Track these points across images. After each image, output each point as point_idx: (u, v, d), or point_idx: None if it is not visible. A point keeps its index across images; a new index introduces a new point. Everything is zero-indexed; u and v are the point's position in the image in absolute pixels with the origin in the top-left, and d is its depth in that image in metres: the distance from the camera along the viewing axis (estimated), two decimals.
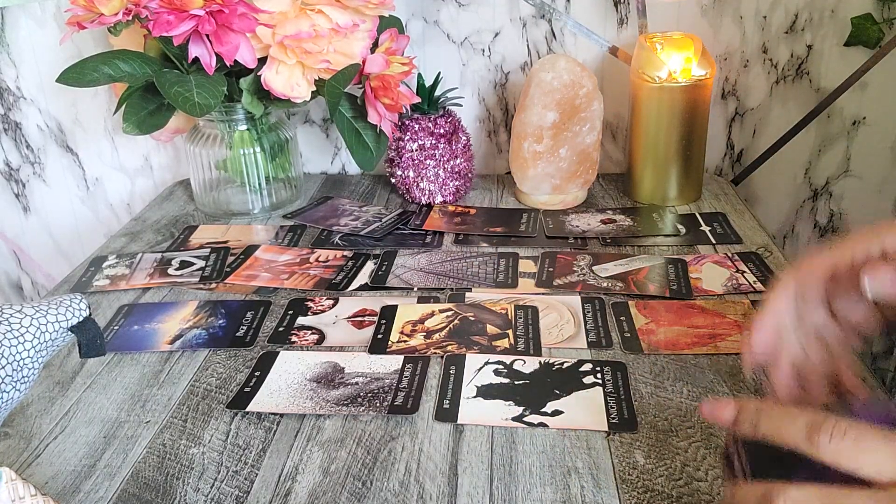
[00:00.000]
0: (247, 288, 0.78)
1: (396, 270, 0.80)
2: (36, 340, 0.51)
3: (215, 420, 0.59)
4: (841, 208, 1.07)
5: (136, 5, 0.77)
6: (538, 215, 0.92)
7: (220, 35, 0.78)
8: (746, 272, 0.77)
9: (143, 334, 0.71)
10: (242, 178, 0.96)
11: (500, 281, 0.77)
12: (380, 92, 0.86)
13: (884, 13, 0.96)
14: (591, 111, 0.90)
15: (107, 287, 0.80)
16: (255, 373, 0.64)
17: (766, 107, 1.04)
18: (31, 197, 1.15)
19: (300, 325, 0.71)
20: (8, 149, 1.12)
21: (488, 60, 1.04)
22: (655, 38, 0.91)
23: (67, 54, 1.04)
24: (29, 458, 0.56)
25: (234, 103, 0.90)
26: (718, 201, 0.95)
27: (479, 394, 0.60)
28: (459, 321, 0.70)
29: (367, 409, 0.59)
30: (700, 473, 0.51)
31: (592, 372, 0.62)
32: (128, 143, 1.12)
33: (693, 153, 0.92)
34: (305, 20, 0.82)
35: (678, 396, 0.59)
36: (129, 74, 0.83)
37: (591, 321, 0.69)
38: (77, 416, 0.60)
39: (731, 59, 1.02)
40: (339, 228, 0.91)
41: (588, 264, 0.79)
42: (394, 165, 0.96)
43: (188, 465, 0.54)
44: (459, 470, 0.52)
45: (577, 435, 0.55)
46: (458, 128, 0.95)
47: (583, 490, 0.50)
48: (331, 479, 0.52)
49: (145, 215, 1.00)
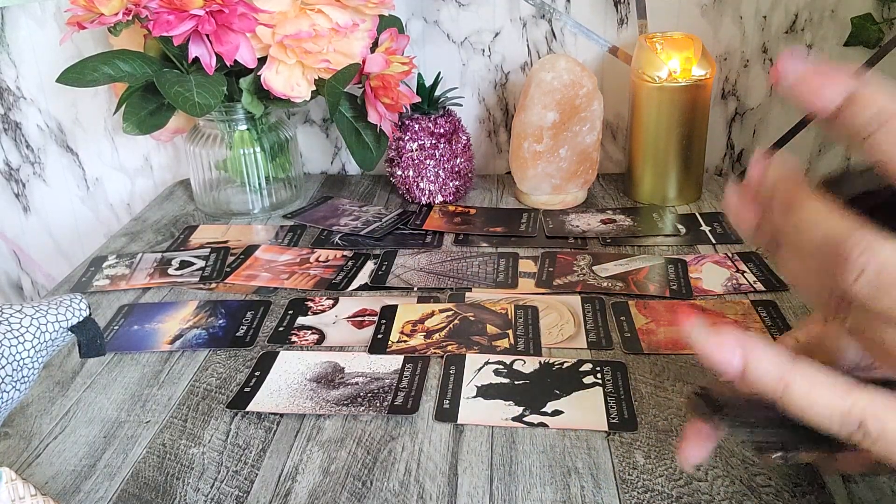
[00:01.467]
0: (247, 288, 0.78)
1: (396, 270, 0.80)
2: (36, 340, 0.51)
3: (215, 420, 0.59)
4: None
5: (136, 5, 0.77)
6: (538, 215, 0.92)
7: (220, 35, 0.78)
8: (746, 272, 0.77)
9: (143, 334, 0.71)
10: (242, 178, 0.96)
11: (500, 281, 0.77)
12: (380, 92, 0.86)
13: (884, 13, 0.96)
14: (591, 111, 0.90)
15: (107, 287, 0.80)
16: (255, 373, 0.64)
17: (766, 107, 1.04)
18: (31, 197, 1.15)
19: (300, 325, 0.71)
20: (8, 149, 1.12)
21: (488, 60, 1.04)
22: (655, 38, 0.91)
23: (67, 54, 1.04)
24: (29, 458, 0.56)
25: (234, 103, 0.90)
26: (718, 201, 0.95)
27: (479, 394, 0.60)
28: (459, 321, 0.70)
29: (367, 409, 0.59)
30: (700, 473, 0.51)
31: (592, 372, 0.62)
32: (128, 143, 1.12)
33: (693, 153, 0.92)
34: (305, 20, 0.82)
35: (678, 396, 0.59)
36: (129, 74, 0.83)
37: (591, 321, 0.69)
38: (77, 416, 0.60)
39: (731, 59, 1.02)
40: (339, 228, 0.91)
41: (588, 264, 0.79)
42: (394, 165, 0.96)
43: (188, 465, 0.54)
44: (459, 470, 0.52)
45: (577, 435, 0.55)
46: (458, 128, 0.95)
47: (583, 490, 0.50)
48: (331, 479, 0.52)
49: (145, 215, 1.00)
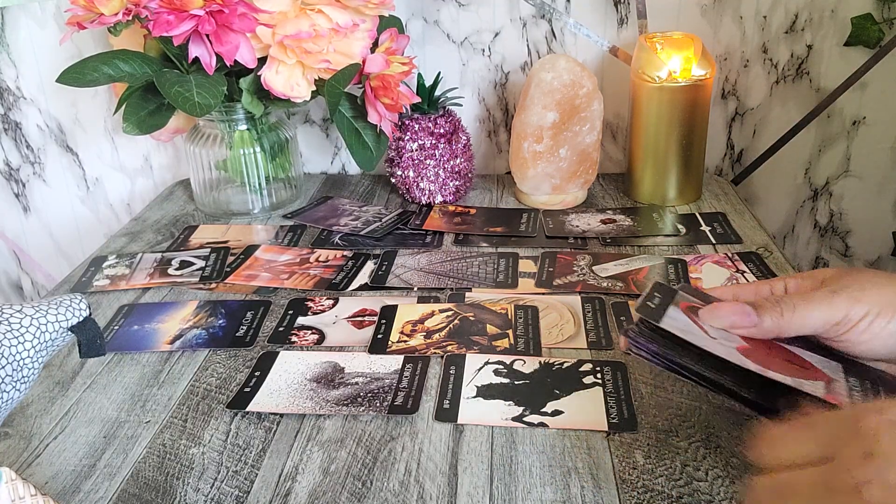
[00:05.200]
0: (247, 288, 0.78)
1: (396, 270, 0.80)
2: (36, 340, 0.51)
3: (215, 420, 0.59)
4: (841, 208, 1.07)
5: (136, 5, 0.77)
6: (538, 215, 0.92)
7: (220, 35, 0.78)
8: (746, 272, 0.77)
9: (143, 334, 0.71)
10: (242, 178, 0.96)
11: (500, 281, 0.77)
12: (380, 92, 0.86)
13: (884, 13, 0.96)
14: (591, 111, 0.90)
15: (107, 287, 0.80)
16: (255, 373, 0.64)
17: (766, 107, 1.04)
18: (31, 197, 1.15)
19: (300, 325, 0.71)
20: (8, 149, 1.12)
21: (488, 60, 1.04)
22: (655, 38, 0.91)
23: (67, 54, 1.04)
24: (29, 458, 0.56)
25: (234, 103, 0.90)
26: (718, 201, 0.95)
27: (479, 394, 0.60)
28: (459, 321, 0.70)
29: (367, 409, 0.59)
30: (700, 473, 0.51)
31: (592, 372, 0.62)
32: (128, 143, 1.12)
33: (693, 153, 0.92)
34: (305, 20, 0.82)
35: (678, 396, 0.59)
36: (129, 74, 0.83)
37: (591, 321, 0.69)
38: (77, 416, 0.60)
39: (731, 59, 1.02)
40: (339, 228, 0.91)
41: (588, 264, 0.79)
42: (394, 165, 0.96)
43: (188, 465, 0.54)
44: (459, 470, 0.52)
45: (577, 435, 0.55)
46: (458, 128, 0.95)
47: (583, 490, 0.50)
48: (331, 479, 0.52)
49: (145, 215, 1.00)
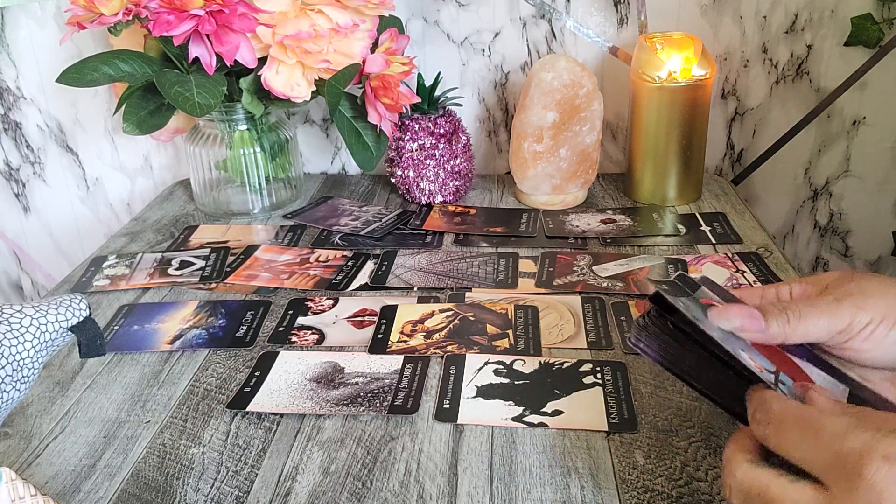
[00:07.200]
0: (247, 288, 0.78)
1: (396, 270, 0.80)
2: (36, 340, 0.51)
3: (215, 420, 0.59)
4: (841, 208, 1.07)
5: (136, 5, 0.77)
6: (538, 215, 0.92)
7: (220, 35, 0.78)
8: (746, 272, 0.77)
9: (143, 334, 0.71)
10: (242, 178, 0.96)
11: (500, 281, 0.77)
12: (380, 92, 0.86)
13: (884, 13, 0.96)
14: (591, 111, 0.90)
15: (107, 287, 0.80)
16: (255, 373, 0.64)
17: (766, 107, 1.04)
18: (31, 197, 1.15)
19: (300, 325, 0.71)
20: (8, 149, 1.12)
21: (488, 60, 1.04)
22: (655, 38, 0.91)
23: (67, 54, 1.05)
24: (29, 458, 0.56)
25: (234, 103, 0.90)
26: (718, 201, 0.95)
27: (479, 394, 0.60)
28: (459, 321, 0.70)
29: (367, 409, 0.59)
30: (700, 473, 0.51)
31: (592, 372, 0.62)
32: (128, 143, 1.12)
33: (693, 153, 0.92)
34: (305, 20, 0.82)
35: (678, 396, 0.59)
36: (129, 74, 0.83)
37: (591, 321, 0.69)
38: (77, 416, 0.60)
39: (731, 59, 1.02)
40: (339, 228, 0.91)
41: (588, 264, 0.79)
42: (394, 165, 0.96)
43: (188, 465, 0.54)
44: (459, 470, 0.52)
45: (577, 435, 0.55)
46: (458, 128, 0.95)
47: (583, 490, 0.50)
48: (331, 479, 0.52)
49: (145, 215, 1.00)
